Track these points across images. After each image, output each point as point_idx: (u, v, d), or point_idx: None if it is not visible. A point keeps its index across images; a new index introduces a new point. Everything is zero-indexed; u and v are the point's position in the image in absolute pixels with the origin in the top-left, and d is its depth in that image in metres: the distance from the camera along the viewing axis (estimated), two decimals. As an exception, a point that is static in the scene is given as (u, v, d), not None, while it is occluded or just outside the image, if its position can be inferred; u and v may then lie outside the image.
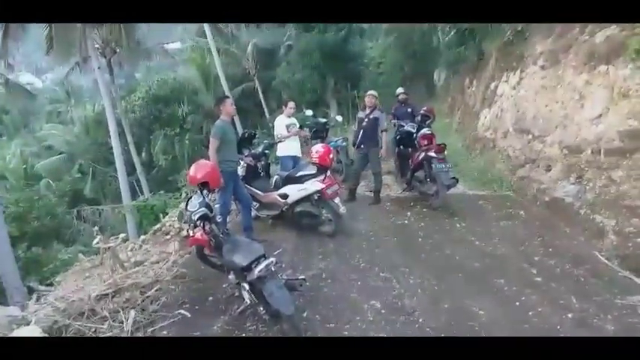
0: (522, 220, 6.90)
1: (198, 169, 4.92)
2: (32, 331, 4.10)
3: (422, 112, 8.40)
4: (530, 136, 8.19)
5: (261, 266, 3.93)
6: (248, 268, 4.00)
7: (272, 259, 4.06)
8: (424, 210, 7.51)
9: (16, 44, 13.47)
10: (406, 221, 7.13)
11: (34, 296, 6.14)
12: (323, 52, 19.04)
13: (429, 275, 5.21)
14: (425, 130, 7.75)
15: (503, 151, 9.18)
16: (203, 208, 4.63)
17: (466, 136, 11.67)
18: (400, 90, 9.12)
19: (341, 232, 6.49)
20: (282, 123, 8.01)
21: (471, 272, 5.28)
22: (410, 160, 7.85)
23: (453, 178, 7.05)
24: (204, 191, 4.83)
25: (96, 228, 6.57)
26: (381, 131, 7.68)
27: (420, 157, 7.41)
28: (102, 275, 5.86)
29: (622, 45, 6.11)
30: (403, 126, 8.24)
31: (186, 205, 4.78)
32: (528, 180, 7.87)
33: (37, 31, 14.02)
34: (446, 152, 7.31)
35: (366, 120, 7.80)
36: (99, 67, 15.35)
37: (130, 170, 19.06)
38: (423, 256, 5.81)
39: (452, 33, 12.29)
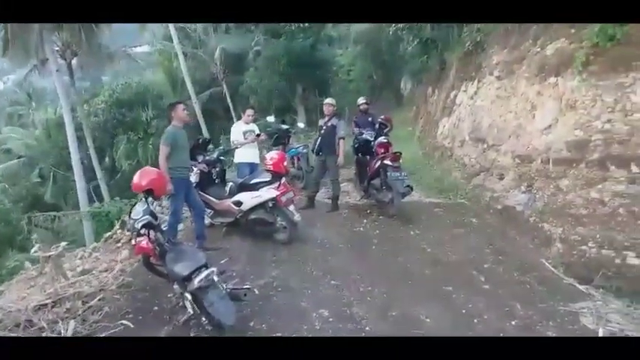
0: (475, 227, 7.01)
1: (143, 176, 4.80)
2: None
3: (380, 120, 8.46)
4: (485, 145, 8.36)
5: (202, 276, 3.85)
6: (189, 278, 3.91)
7: (212, 268, 3.99)
8: (380, 217, 7.53)
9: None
10: (361, 229, 7.14)
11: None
12: (291, 59, 19.06)
13: (380, 283, 5.22)
14: (381, 139, 7.80)
15: (459, 160, 9.34)
16: (147, 216, 4.52)
17: (426, 144, 11.84)
18: (361, 99, 9.20)
19: (296, 239, 6.44)
20: (239, 129, 7.95)
21: (421, 279, 5.33)
22: (367, 168, 7.88)
23: (408, 186, 7.10)
24: (149, 199, 4.72)
25: (35, 236, 6.36)
26: (339, 139, 7.69)
27: (377, 165, 7.44)
28: (45, 285, 5.64)
29: (570, 57, 6.31)
30: (362, 134, 8.28)
31: (130, 212, 4.66)
32: (482, 188, 8.01)
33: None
34: (401, 160, 7.36)
35: (325, 127, 7.81)
36: (57, 70, 14.90)
37: (92, 175, 18.58)
38: (375, 264, 5.81)
39: (415, 42, 12.48)
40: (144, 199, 4.73)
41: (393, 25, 12.50)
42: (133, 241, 4.60)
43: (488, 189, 7.79)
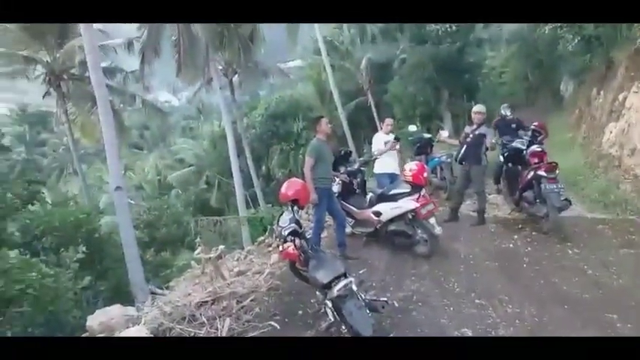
0: (647, 248, 6.03)
1: (289, 187, 5.12)
2: (139, 331, 4.56)
3: (532, 127, 7.79)
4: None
5: (340, 285, 3.95)
6: (328, 286, 4.04)
7: (351, 278, 4.06)
8: (533, 233, 6.91)
9: (150, 68, 15.32)
10: (511, 245, 6.63)
11: (149, 298, 6.81)
12: (437, 64, 18.64)
13: (531, 305, 4.78)
14: (535, 147, 7.17)
15: (629, 170, 8.12)
16: (293, 224, 4.80)
17: (589, 152, 10.52)
18: (505, 105, 8.57)
19: (437, 253, 6.24)
20: (380, 140, 7.99)
21: (578, 304, 4.74)
22: (518, 179, 7.30)
23: (566, 199, 6.41)
24: (295, 208, 5.01)
25: (198, 239, 7.12)
26: (486, 149, 7.26)
27: (529, 176, 6.87)
28: (206, 283, 6.32)
29: None
30: (511, 142, 7.71)
31: (278, 220, 4.99)
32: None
33: (170, 55, 15.77)
34: (558, 171, 6.66)
35: (471, 136, 7.43)
36: (220, 88, 16.75)
37: (250, 183, 20.35)
38: (525, 284, 5.34)
39: (576, 41, 11.23)
40: (290, 208, 5.03)
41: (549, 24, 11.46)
42: (280, 247, 4.92)
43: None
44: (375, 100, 23.08)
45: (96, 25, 11.64)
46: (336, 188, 6.88)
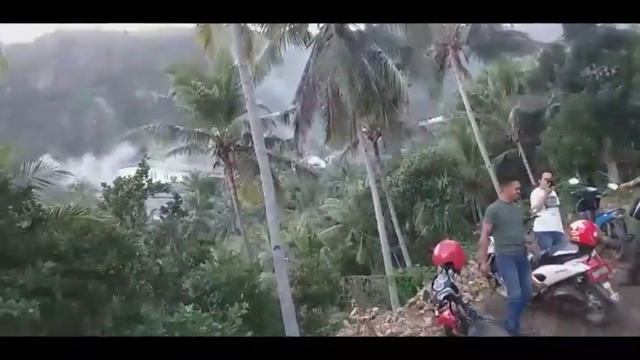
0: None
1: (442, 249, 5.11)
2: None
3: None
4: None
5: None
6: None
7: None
8: None
9: (303, 137, 16.75)
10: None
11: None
12: (596, 111, 17.14)
13: None
14: None
15: None
16: (448, 288, 4.76)
17: None
18: None
19: (613, 322, 5.53)
20: (539, 196, 7.53)
21: None
22: None
23: None
24: (450, 271, 4.96)
25: (354, 300, 7.30)
26: None
27: None
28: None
29: None
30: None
31: (432, 284, 4.98)
32: None
33: (320, 124, 17.14)
34: None
35: None
36: (365, 150, 17.50)
37: (394, 240, 20.37)
38: None
39: None
40: (444, 270, 5.00)
41: None
42: (436, 312, 4.86)
43: None
44: (527, 151, 21.85)
45: (257, 101, 13.19)
46: (492, 249, 6.57)
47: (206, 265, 11.84)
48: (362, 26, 16.41)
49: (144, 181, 11.65)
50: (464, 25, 19.39)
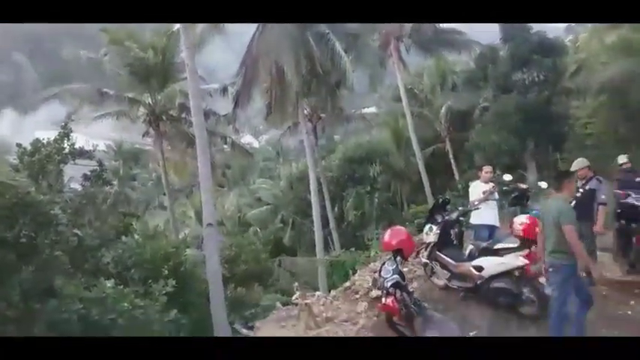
0: None
1: (392, 236, 5.03)
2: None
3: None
4: None
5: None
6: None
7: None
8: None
9: (243, 112, 16.24)
10: (629, 312, 6.02)
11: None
12: (523, 114, 18.13)
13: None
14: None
15: None
16: (396, 276, 4.69)
17: None
18: (623, 158, 8.03)
19: (546, 315, 5.76)
20: (479, 189, 7.71)
21: None
22: (635, 239, 6.71)
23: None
24: (398, 258, 4.89)
25: (296, 284, 7.13)
26: (598, 204, 6.79)
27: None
28: (295, 327, 6.27)
29: None
30: (627, 197, 7.14)
31: (380, 270, 4.89)
32: None
33: (260, 101, 16.65)
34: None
35: (581, 191, 7.01)
36: (306, 132, 17.32)
37: (324, 224, 20.50)
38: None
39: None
40: (393, 258, 4.92)
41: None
42: (384, 299, 4.74)
43: None
44: (454, 148, 22.74)
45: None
46: (432, 238, 6.64)
47: (128, 239, 11.11)
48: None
49: (65, 145, 10.59)
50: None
